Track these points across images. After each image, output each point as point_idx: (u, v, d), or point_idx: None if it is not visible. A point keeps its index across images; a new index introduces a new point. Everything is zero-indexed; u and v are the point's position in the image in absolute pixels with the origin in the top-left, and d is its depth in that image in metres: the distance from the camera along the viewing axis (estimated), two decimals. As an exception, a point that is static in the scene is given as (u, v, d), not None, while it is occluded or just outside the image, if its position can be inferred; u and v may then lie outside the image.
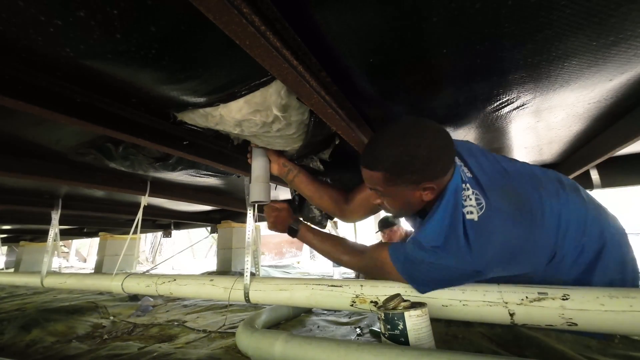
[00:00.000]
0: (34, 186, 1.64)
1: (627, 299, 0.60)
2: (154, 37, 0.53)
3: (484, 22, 0.53)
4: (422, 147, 0.66)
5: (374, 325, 1.04)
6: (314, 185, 1.06)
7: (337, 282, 0.92)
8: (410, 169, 0.67)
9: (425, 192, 0.71)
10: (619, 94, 0.85)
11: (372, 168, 0.72)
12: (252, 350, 0.75)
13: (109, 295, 1.97)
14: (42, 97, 0.68)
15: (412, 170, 0.67)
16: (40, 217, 2.37)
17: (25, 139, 1.05)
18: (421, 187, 0.70)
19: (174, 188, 1.84)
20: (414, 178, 0.68)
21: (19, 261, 4.07)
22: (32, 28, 0.51)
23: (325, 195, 1.05)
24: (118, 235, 3.77)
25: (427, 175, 0.68)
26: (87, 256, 8.74)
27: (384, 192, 0.75)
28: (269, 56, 0.48)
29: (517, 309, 0.67)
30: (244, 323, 0.89)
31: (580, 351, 0.66)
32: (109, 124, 0.81)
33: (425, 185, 0.69)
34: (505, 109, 0.91)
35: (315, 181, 1.07)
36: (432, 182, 0.69)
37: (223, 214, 3.06)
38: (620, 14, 0.52)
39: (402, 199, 0.74)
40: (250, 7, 0.40)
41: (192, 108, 0.82)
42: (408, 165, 0.67)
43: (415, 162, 0.67)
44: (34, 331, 1.13)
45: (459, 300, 0.73)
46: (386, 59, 0.64)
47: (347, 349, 0.61)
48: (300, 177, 1.06)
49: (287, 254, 6.59)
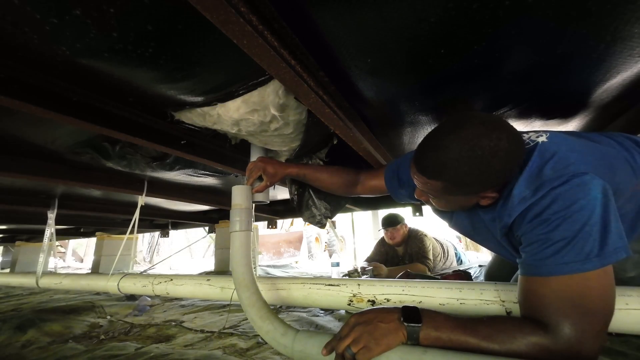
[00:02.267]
0: (30, 186, 1.63)
1: (623, 297, 0.61)
2: (150, 35, 0.53)
3: (482, 22, 0.54)
4: (497, 159, 0.55)
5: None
6: (323, 173, 0.99)
7: (335, 281, 0.92)
8: (476, 182, 0.58)
9: (484, 200, 0.63)
10: (615, 94, 0.85)
11: (431, 177, 0.61)
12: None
13: (106, 295, 1.95)
14: (38, 96, 0.67)
15: (477, 183, 0.59)
16: (36, 217, 2.35)
17: (21, 138, 1.04)
18: (481, 196, 0.62)
19: (171, 188, 1.83)
20: (476, 189, 0.61)
21: (15, 261, 4.03)
22: (27, 26, 0.50)
23: (335, 179, 0.99)
24: (115, 235, 3.74)
25: (493, 184, 0.59)
26: (84, 256, 8.67)
27: (437, 197, 0.67)
28: (266, 56, 0.48)
29: (514, 307, 0.68)
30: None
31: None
32: (105, 123, 0.80)
33: (487, 194, 0.61)
34: (503, 109, 0.91)
35: (323, 170, 1.01)
36: (494, 190, 0.61)
37: (221, 213, 3.05)
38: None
39: (455, 204, 0.68)
40: (247, 6, 0.40)
41: (190, 107, 0.82)
42: (478, 177, 0.57)
43: (484, 175, 0.57)
44: (30, 332, 1.12)
45: (456, 299, 0.73)
46: (384, 59, 0.64)
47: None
48: (312, 173, 1.00)
49: (285, 253, 6.58)
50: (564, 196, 0.53)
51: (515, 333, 0.50)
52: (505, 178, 0.59)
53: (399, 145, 1.18)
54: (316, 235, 6.83)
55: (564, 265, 0.50)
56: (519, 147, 0.58)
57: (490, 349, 0.50)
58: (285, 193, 2.06)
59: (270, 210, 2.64)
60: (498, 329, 0.51)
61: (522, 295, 0.56)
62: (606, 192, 0.52)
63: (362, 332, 0.53)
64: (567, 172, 0.54)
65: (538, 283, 0.53)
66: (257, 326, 0.74)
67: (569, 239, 0.50)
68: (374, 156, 1.06)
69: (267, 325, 0.72)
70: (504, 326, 0.52)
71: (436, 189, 0.63)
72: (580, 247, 0.49)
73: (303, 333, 0.67)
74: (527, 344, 0.48)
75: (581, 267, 0.49)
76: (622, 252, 0.50)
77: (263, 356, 0.82)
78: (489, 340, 0.50)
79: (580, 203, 0.51)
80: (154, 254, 8.10)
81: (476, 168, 0.56)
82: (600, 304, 0.49)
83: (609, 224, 0.50)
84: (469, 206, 0.68)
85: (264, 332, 0.72)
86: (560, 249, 0.51)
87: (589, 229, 0.50)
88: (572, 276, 0.49)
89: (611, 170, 0.58)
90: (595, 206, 0.51)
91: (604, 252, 0.49)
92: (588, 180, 0.53)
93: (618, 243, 0.50)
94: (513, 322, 0.54)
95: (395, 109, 0.90)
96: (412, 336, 0.53)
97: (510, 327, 0.51)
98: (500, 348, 0.49)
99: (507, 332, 0.50)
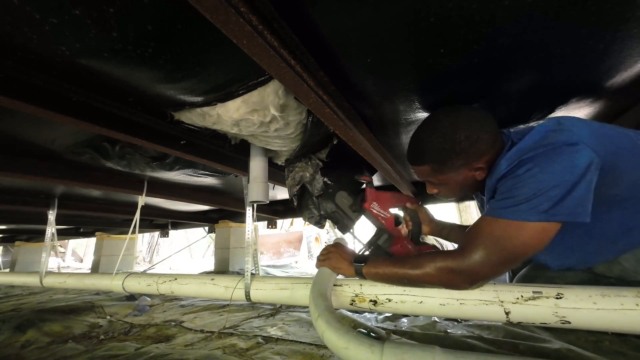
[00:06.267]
0: (30, 186, 1.63)
1: (618, 297, 0.61)
2: (150, 35, 0.53)
3: (481, 22, 0.54)
4: (459, 131, 0.67)
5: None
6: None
7: (337, 281, 0.92)
8: (453, 154, 0.69)
9: (477, 172, 0.72)
10: (613, 94, 0.86)
11: (418, 164, 0.75)
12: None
13: (106, 295, 1.96)
14: (37, 96, 0.67)
15: (456, 155, 0.69)
16: (36, 217, 2.35)
17: (20, 138, 1.04)
18: (471, 167, 0.71)
19: (171, 188, 1.83)
20: (461, 162, 0.70)
21: (14, 261, 4.03)
22: (26, 26, 0.50)
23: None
24: (115, 235, 3.74)
25: (472, 155, 0.69)
26: (84, 256, 8.67)
27: (437, 182, 0.77)
28: (266, 55, 0.48)
29: (512, 308, 0.68)
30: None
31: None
32: (105, 123, 0.80)
33: (475, 165, 0.70)
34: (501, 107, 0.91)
35: (455, 228, 1.10)
36: (480, 161, 0.70)
37: (221, 213, 3.05)
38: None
39: (456, 184, 0.75)
40: (247, 6, 0.40)
41: (190, 107, 0.82)
42: (450, 151, 0.69)
43: (456, 146, 0.68)
44: (29, 332, 1.12)
45: (456, 299, 0.73)
46: (384, 59, 0.64)
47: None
48: (452, 233, 1.09)
49: (285, 253, 6.58)
50: (542, 158, 0.57)
51: (429, 261, 0.67)
52: (480, 148, 0.68)
53: (398, 145, 1.18)
54: (316, 235, 6.83)
55: (513, 212, 0.58)
56: (478, 119, 0.69)
57: (413, 274, 0.69)
58: (285, 193, 2.06)
59: (270, 210, 2.64)
60: (418, 261, 0.69)
61: (470, 227, 0.67)
62: (590, 166, 0.55)
63: (331, 256, 0.86)
64: (560, 140, 0.58)
65: (485, 221, 0.63)
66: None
67: (529, 196, 0.56)
68: (373, 156, 1.06)
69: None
70: (423, 258, 0.69)
71: (428, 173, 0.75)
72: (536, 203, 0.56)
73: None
74: (435, 267, 0.65)
75: (522, 217, 0.57)
76: (574, 216, 0.54)
77: (263, 356, 0.82)
78: (411, 268, 0.69)
79: (555, 167, 0.55)
80: (153, 253, 8.10)
81: (444, 142, 0.69)
82: (516, 248, 0.57)
83: (574, 190, 0.54)
84: (469, 185, 0.74)
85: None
86: (519, 201, 0.57)
87: (552, 192, 0.55)
88: (511, 222, 0.58)
89: (612, 152, 0.59)
90: (572, 174, 0.54)
91: (553, 210, 0.54)
92: (577, 150, 0.56)
93: (572, 208, 0.54)
94: (431, 254, 0.69)
95: (395, 109, 0.90)
96: (357, 271, 0.79)
97: (428, 257, 0.68)
98: (420, 272, 0.67)
99: (424, 261, 0.67)
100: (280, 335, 0.98)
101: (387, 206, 1.00)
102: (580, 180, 0.54)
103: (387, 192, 1.04)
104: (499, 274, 0.62)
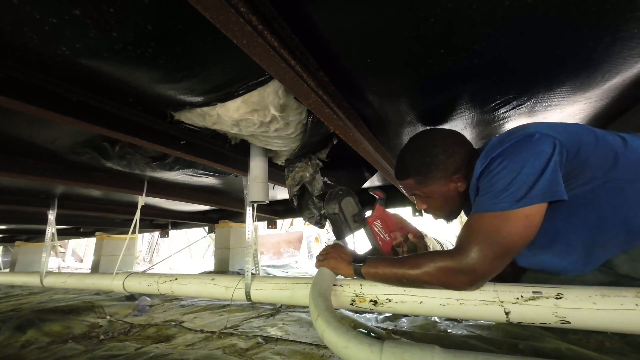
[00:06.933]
0: (30, 186, 1.63)
1: (618, 297, 0.61)
2: (150, 35, 0.53)
3: (482, 22, 0.54)
4: (437, 147, 0.77)
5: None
6: None
7: (337, 281, 0.92)
8: (433, 167, 0.77)
9: (458, 184, 0.78)
10: (614, 95, 0.86)
11: (403, 178, 0.83)
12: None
13: (106, 295, 1.96)
14: (37, 96, 0.67)
15: (435, 166, 0.77)
16: (35, 217, 2.35)
17: (20, 138, 1.04)
18: (452, 179, 0.77)
19: (171, 188, 1.83)
20: (440, 173, 0.77)
21: (14, 261, 4.03)
22: (26, 26, 0.50)
23: None
24: (115, 235, 3.74)
25: (450, 167, 0.76)
26: (84, 256, 8.67)
27: (422, 194, 0.82)
28: (266, 55, 0.48)
29: (512, 308, 0.68)
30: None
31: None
32: (105, 123, 0.80)
33: (454, 177, 0.77)
34: (502, 109, 0.91)
35: None
36: (458, 173, 0.77)
37: (221, 213, 3.05)
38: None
39: (440, 195, 0.81)
40: (247, 6, 0.40)
41: (190, 107, 0.82)
42: (429, 164, 0.77)
43: (434, 159, 0.77)
44: (29, 332, 1.12)
45: (456, 299, 0.73)
46: (384, 59, 0.64)
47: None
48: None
49: (285, 253, 6.57)
50: (510, 151, 0.62)
51: (428, 261, 0.67)
52: (456, 161, 0.76)
53: (398, 145, 1.18)
54: (316, 235, 6.82)
55: (493, 204, 0.62)
56: (454, 137, 0.79)
57: (412, 274, 0.69)
58: (285, 193, 2.06)
59: (270, 210, 2.64)
60: (417, 260, 0.69)
61: (461, 227, 0.69)
62: (555, 147, 0.60)
63: (330, 257, 0.86)
64: (520, 134, 0.64)
65: (474, 218, 0.65)
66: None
67: (505, 186, 0.60)
68: (373, 156, 1.06)
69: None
70: (422, 257, 0.69)
71: (413, 186, 0.81)
72: (512, 192, 0.59)
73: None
74: (434, 267, 0.66)
75: (503, 207, 0.60)
76: (551, 195, 0.58)
77: (263, 356, 0.82)
78: (410, 267, 0.69)
79: (522, 155, 0.61)
80: (153, 253, 8.10)
81: (424, 155, 0.77)
82: (506, 239, 0.60)
83: (544, 172, 0.58)
84: (453, 197, 0.80)
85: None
86: (497, 193, 0.61)
87: (525, 178, 0.59)
88: (496, 214, 0.61)
89: (575, 142, 0.63)
90: (540, 158, 0.59)
91: (530, 194, 0.58)
92: (537, 138, 0.61)
93: (547, 188, 0.58)
94: (430, 254, 0.70)
95: (395, 109, 0.91)
96: (356, 271, 0.79)
97: (427, 257, 0.68)
98: (419, 272, 0.68)
99: (423, 260, 0.68)
100: (280, 335, 0.99)
101: (389, 228, 0.95)
102: (548, 162, 0.59)
103: (395, 215, 0.99)
104: (497, 269, 0.63)
